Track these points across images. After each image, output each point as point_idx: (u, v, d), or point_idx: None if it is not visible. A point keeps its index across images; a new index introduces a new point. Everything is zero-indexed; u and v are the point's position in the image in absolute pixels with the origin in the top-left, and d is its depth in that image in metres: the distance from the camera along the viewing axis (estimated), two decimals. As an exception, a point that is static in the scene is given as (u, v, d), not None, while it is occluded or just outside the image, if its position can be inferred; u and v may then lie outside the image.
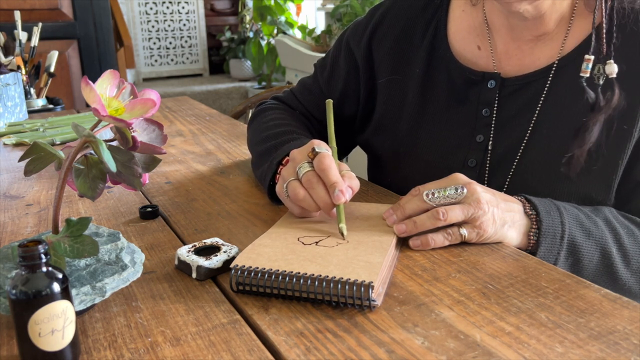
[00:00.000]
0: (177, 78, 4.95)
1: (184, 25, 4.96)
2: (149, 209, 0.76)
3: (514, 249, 0.64)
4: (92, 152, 0.50)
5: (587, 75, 0.73)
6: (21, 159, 0.50)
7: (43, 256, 0.42)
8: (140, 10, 4.79)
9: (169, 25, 4.91)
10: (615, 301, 0.52)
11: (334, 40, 1.00)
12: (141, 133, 0.54)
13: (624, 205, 0.75)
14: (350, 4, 3.09)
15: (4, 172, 1.01)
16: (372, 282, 0.51)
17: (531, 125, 0.78)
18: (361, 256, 0.57)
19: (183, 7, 4.93)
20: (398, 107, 0.89)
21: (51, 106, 1.94)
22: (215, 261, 0.58)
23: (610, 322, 0.48)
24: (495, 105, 0.80)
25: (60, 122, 1.38)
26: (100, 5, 2.73)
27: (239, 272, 0.54)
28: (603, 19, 0.73)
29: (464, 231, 0.63)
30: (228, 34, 4.77)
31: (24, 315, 0.42)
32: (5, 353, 0.47)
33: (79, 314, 0.51)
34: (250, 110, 1.63)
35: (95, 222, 0.75)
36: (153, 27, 4.87)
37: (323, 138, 0.96)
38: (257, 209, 0.78)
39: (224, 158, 1.06)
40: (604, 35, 0.73)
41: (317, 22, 4.51)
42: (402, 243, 0.65)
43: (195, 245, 0.62)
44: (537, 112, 0.77)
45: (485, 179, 0.80)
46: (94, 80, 0.49)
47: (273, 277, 0.53)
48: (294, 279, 0.52)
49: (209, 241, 0.63)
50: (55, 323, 0.42)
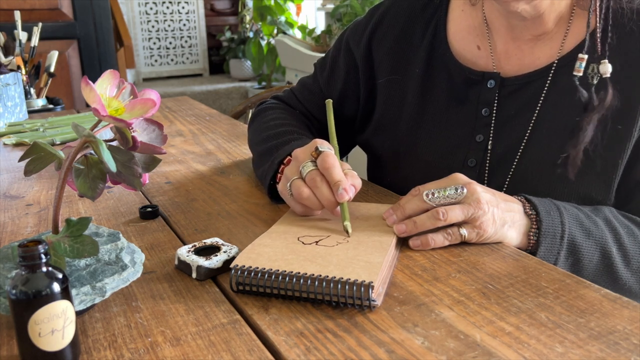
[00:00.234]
0: (177, 78, 4.95)
1: (184, 25, 4.96)
2: (149, 209, 0.76)
3: (514, 249, 0.64)
4: (92, 152, 0.50)
5: (581, 74, 0.73)
6: (21, 159, 0.50)
7: (43, 256, 0.42)
8: (140, 10, 4.79)
9: (169, 25, 4.91)
10: (615, 301, 0.52)
11: (334, 40, 1.00)
12: (141, 133, 0.54)
13: (624, 204, 0.75)
14: (350, 4, 3.09)
15: (4, 172, 1.01)
16: (372, 282, 0.51)
17: (531, 124, 0.78)
18: (361, 256, 0.57)
19: (183, 7, 4.93)
20: (398, 107, 0.89)
21: (51, 106, 1.94)
22: (215, 261, 0.58)
23: (610, 322, 0.48)
24: (495, 105, 0.80)
25: (60, 122, 1.38)
26: (100, 5, 2.73)
27: (239, 272, 0.54)
28: (597, 18, 0.73)
29: (464, 231, 0.63)
30: (228, 34, 4.77)
31: (24, 315, 0.42)
32: (5, 353, 0.47)
33: (79, 314, 0.51)
34: (250, 110, 1.63)
35: (95, 222, 0.75)
36: (153, 27, 4.87)
37: (323, 137, 0.96)
38: (257, 209, 0.78)
39: (224, 158, 1.06)
40: (598, 35, 0.73)
41: (317, 22, 4.51)
42: (402, 243, 0.65)
43: (195, 245, 0.62)
44: (537, 111, 0.77)
45: (485, 178, 0.80)
46: (94, 80, 0.49)
47: (273, 277, 0.53)
48: (294, 279, 0.52)
49: (209, 241, 0.63)
50: (55, 323, 0.42)
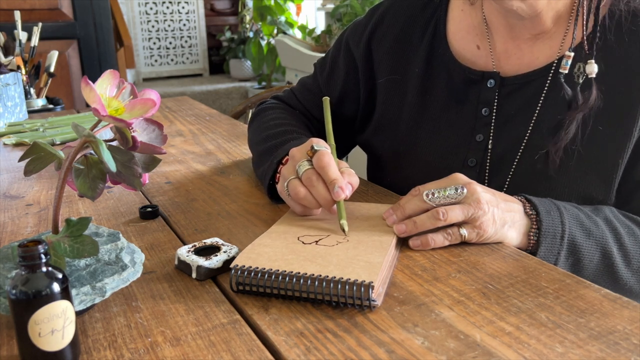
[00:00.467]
0: (177, 78, 4.95)
1: (184, 25, 4.96)
2: (149, 209, 0.76)
3: (514, 249, 0.64)
4: (92, 152, 0.50)
5: (566, 71, 0.74)
6: (21, 159, 0.50)
7: (43, 256, 0.42)
8: (140, 10, 4.79)
9: (169, 25, 4.91)
10: (615, 301, 0.52)
11: (334, 40, 1.00)
12: (141, 133, 0.54)
13: (625, 204, 0.75)
14: (350, 4, 3.09)
15: (4, 172, 1.01)
16: (372, 282, 0.51)
17: (531, 124, 0.77)
18: (361, 256, 0.57)
19: (183, 7, 4.93)
20: (398, 107, 0.89)
21: (51, 106, 1.94)
22: (215, 261, 0.58)
23: (610, 322, 0.48)
24: (495, 104, 0.80)
25: (60, 122, 1.38)
26: (100, 5, 2.73)
27: (239, 272, 0.54)
28: (583, 18, 0.73)
29: (464, 231, 0.63)
30: (228, 34, 4.77)
31: (23, 315, 0.42)
32: (5, 353, 0.47)
33: (78, 314, 0.51)
34: (250, 110, 1.63)
35: (95, 222, 0.75)
36: (153, 27, 4.87)
37: (323, 137, 0.96)
38: (257, 209, 0.78)
39: (224, 158, 1.06)
40: (583, 34, 0.73)
41: (317, 22, 4.51)
42: (402, 243, 0.65)
43: (195, 245, 0.62)
44: (537, 111, 0.77)
45: (485, 178, 0.80)
46: (94, 80, 0.49)
47: (273, 277, 0.53)
48: (294, 279, 0.52)
49: (209, 241, 0.63)
50: (55, 323, 0.42)
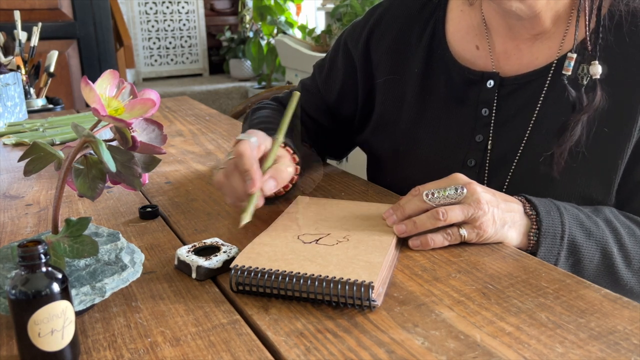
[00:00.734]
0: (177, 78, 4.95)
1: (184, 25, 4.95)
2: (149, 209, 0.76)
3: (514, 249, 0.64)
4: (92, 152, 0.50)
5: (569, 73, 0.73)
6: (21, 159, 0.50)
7: (43, 256, 0.42)
8: (140, 10, 4.79)
9: (169, 25, 4.91)
10: (615, 301, 0.52)
11: (334, 40, 1.00)
12: (141, 133, 0.54)
13: (625, 205, 0.75)
14: (350, 4, 3.09)
15: (3, 172, 1.01)
16: (372, 282, 0.51)
17: (531, 124, 0.77)
18: (361, 256, 0.57)
19: (183, 7, 4.93)
20: (397, 107, 0.89)
21: (51, 106, 1.94)
22: (215, 261, 0.58)
23: (610, 322, 0.48)
24: (495, 105, 0.80)
25: (60, 122, 1.38)
26: (100, 5, 2.73)
27: (239, 272, 0.54)
28: (595, 18, 0.73)
29: (463, 231, 0.63)
30: (228, 34, 4.77)
31: (23, 315, 0.42)
32: (5, 353, 0.47)
33: (78, 314, 0.51)
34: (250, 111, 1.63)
35: (95, 222, 0.75)
36: (153, 27, 4.87)
37: (322, 137, 0.96)
38: (257, 209, 0.78)
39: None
40: (586, 34, 0.73)
41: (317, 22, 4.51)
42: (402, 243, 0.65)
43: (195, 246, 0.62)
44: (536, 111, 0.77)
45: (485, 179, 0.80)
46: (94, 80, 0.49)
47: (273, 277, 0.53)
48: (294, 279, 0.52)
49: (208, 241, 0.63)
50: (55, 323, 0.42)
